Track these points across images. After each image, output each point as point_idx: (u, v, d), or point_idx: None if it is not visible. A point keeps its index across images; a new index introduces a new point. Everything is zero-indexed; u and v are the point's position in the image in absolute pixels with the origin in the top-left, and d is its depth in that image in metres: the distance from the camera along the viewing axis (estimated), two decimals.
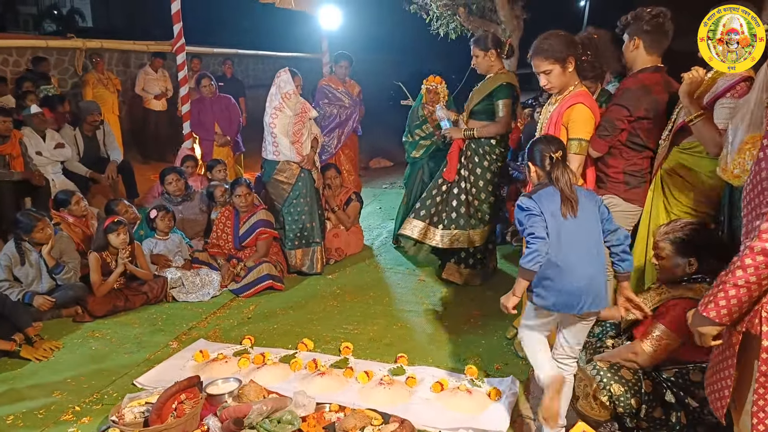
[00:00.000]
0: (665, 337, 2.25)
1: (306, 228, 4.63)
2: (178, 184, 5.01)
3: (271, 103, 4.47)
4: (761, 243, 1.44)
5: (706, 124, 2.38)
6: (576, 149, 2.85)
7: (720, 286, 1.53)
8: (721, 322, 1.56)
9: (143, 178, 7.25)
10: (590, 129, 2.84)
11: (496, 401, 2.81)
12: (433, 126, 5.04)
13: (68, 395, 2.94)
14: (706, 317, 1.56)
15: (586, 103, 2.82)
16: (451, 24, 8.31)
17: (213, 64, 10.83)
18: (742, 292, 1.49)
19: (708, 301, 1.56)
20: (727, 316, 1.54)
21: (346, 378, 3.04)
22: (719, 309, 1.53)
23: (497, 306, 3.99)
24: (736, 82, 2.33)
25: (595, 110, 2.88)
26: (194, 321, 3.85)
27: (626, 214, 2.86)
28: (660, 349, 2.25)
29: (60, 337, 3.58)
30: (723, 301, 1.52)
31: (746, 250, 1.47)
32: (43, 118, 5.55)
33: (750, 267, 1.46)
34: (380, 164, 9.73)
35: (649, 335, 2.28)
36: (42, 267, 3.89)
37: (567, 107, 2.83)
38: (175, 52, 6.00)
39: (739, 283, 1.49)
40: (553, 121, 2.91)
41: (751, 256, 1.46)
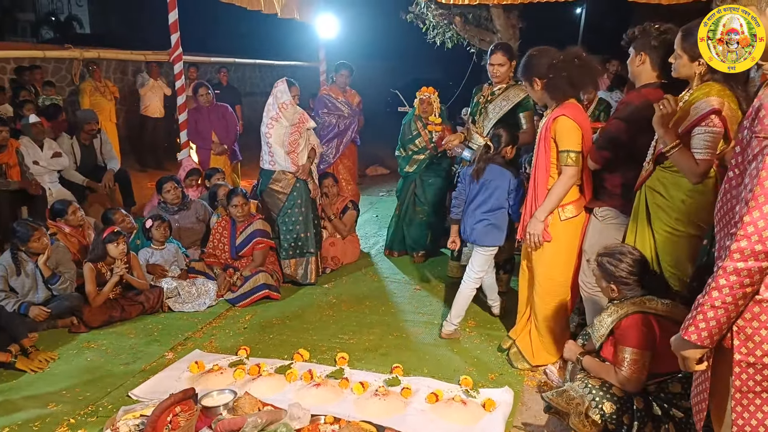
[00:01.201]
0: (637, 356, 2.30)
1: (300, 238, 4.64)
2: (175, 192, 5.02)
3: (268, 113, 4.49)
4: (732, 263, 1.45)
5: (683, 153, 2.40)
6: (565, 161, 2.90)
7: (698, 309, 1.53)
8: (703, 345, 1.55)
9: (140, 186, 7.27)
10: (576, 139, 2.89)
11: (490, 412, 2.82)
12: (426, 140, 5.05)
13: (63, 407, 2.94)
14: (688, 341, 1.56)
15: (568, 114, 2.88)
16: (447, 33, 8.33)
17: (209, 72, 10.87)
18: (720, 313, 1.50)
19: (688, 325, 1.55)
20: (708, 339, 1.54)
21: (341, 389, 3.05)
22: (699, 332, 1.53)
23: (492, 317, 4.06)
24: (707, 114, 2.34)
25: (580, 120, 2.91)
26: (190, 331, 3.86)
27: (621, 226, 2.87)
28: (638, 370, 2.30)
29: (55, 348, 3.57)
30: (702, 323, 1.52)
31: (719, 270, 1.48)
32: (41, 127, 5.56)
33: (725, 287, 1.47)
34: (377, 172, 9.75)
35: (624, 361, 2.31)
36: (38, 277, 3.89)
37: (552, 120, 2.92)
38: (172, 62, 6.02)
39: (716, 305, 1.49)
40: (542, 135, 2.98)
41: (724, 277, 1.47)
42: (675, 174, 2.49)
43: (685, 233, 2.50)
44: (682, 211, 2.49)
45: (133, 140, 9.05)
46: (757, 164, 1.44)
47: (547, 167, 3.01)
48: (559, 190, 2.95)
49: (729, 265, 1.46)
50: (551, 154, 2.98)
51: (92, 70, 7.85)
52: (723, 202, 1.62)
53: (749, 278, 1.46)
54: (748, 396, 1.55)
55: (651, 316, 2.33)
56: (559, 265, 3.12)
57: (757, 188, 1.42)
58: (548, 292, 3.18)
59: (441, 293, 4.49)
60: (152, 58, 8.59)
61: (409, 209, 5.22)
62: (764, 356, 1.51)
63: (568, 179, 2.93)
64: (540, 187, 3.04)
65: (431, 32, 8.54)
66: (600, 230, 2.95)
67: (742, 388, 1.54)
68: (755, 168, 1.45)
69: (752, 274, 1.45)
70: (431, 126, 5.04)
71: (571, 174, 2.91)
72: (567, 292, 3.19)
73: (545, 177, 3.01)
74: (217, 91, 7.96)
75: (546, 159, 3.00)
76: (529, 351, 3.27)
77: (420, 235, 5.24)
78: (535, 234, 3.03)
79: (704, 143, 2.35)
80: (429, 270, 5.04)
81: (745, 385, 1.54)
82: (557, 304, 3.19)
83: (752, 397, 1.54)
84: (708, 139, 2.35)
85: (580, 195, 3.06)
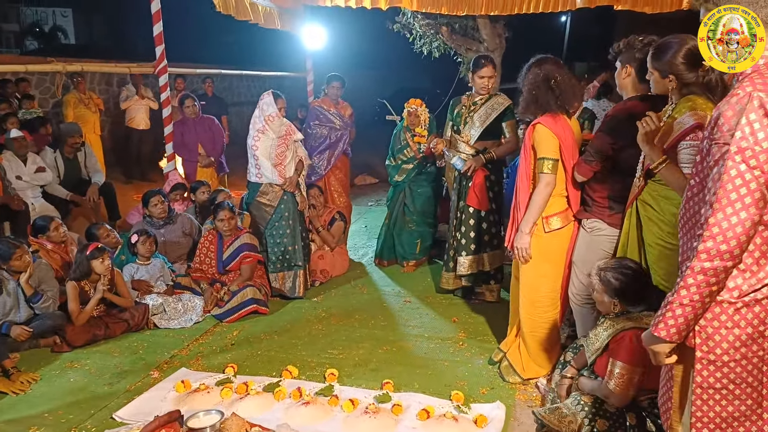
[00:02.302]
0: (626, 372, 2.31)
1: (288, 251, 4.59)
2: (162, 207, 4.96)
3: (255, 126, 4.46)
4: (699, 263, 1.55)
5: (670, 169, 2.40)
6: (541, 168, 2.95)
7: (667, 306, 1.63)
8: (671, 340, 1.65)
9: (126, 198, 7.18)
10: (552, 147, 2.93)
11: (482, 429, 2.78)
12: (415, 150, 5.13)
13: (45, 430, 2.86)
14: (657, 337, 1.66)
15: (544, 123, 2.95)
16: (434, 42, 8.37)
17: (195, 83, 10.82)
18: (688, 310, 1.59)
19: (657, 321, 1.65)
20: (677, 334, 1.63)
21: (331, 407, 2.99)
22: (668, 328, 1.63)
23: (483, 329, 4.03)
24: (690, 129, 2.35)
25: (558, 130, 2.94)
26: (176, 348, 3.79)
27: (610, 238, 2.86)
28: (625, 385, 2.30)
29: (38, 369, 3.49)
30: (671, 320, 1.62)
31: (687, 270, 1.58)
32: (24, 142, 5.49)
33: (692, 286, 1.57)
34: (366, 181, 9.73)
35: (612, 374, 2.34)
36: (20, 296, 3.79)
37: (531, 127, 3.00)
38: (157, 74, 5.96)
39: (684, 302, 1.59)
40: (524, 144, 3.07)
41: (692, 276, 1.57)
42: (666, 187, 2.49)
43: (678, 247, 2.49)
44: (673, 225, 2.48)
45: (118, 152, 8.97)
46: (719, 169, 1.54)
47: (528, 175, 3.06)
48: (538, 198, 2.97)
49: (696, 264, 1.56)
50: (530, 162, 3.04)
51: (77, 82, 7.77)
52: (686, 209, 1.73)
53: (715, 277, 1.55)
54: (708, 392, 1.65)
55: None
56: (544, 277, 3.11)
57: (720, 191, 1.52)
58: (533, 303, 3.16)
59: (431, 305, 4.45)
60: (137, 71, 8.49)
61: (398, 218, 5.26)
62: (723, 354, 1.62)
63: (545, 186, 2.95)
64: (521, 193, 3.08)
65: (418, 42, 8.57)
66: (588, 242, 2.94)
67: (702, 384, 1.65)
68: (717, 173, 1.54)
69: (717, 273, 1.55)
70: (418, 138, 5.10)
71: (548, 181, 2.94)
72: (554, 304, 3.17)
73: (527, 185, 3.06)
74: (203, 103, 7.91)
75: (527, 166, 3.06)
76: (519, 364, 3.25)
77: (410, 243, 5.26)
78: (523, 248, 3.02)
79: (691, 158, 2.35)
80: (419, 281, 5.01)
81: (705, 381, 1.65)
82: (544, 316, 3.17)
83: (712, 393, 1.65)
84: (694, 153, 2.35)
85: (567, 207, 3.06)
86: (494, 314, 4.08)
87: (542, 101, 2.96)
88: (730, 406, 1.64)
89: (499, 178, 4.34)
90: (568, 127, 3.01)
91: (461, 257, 4.30)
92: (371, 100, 10.34)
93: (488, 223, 4.26)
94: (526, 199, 3.04)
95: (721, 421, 1.65)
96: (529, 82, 2.99)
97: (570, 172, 2.97)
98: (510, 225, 3.18)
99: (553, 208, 3.01)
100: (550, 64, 3.01)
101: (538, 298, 3.15)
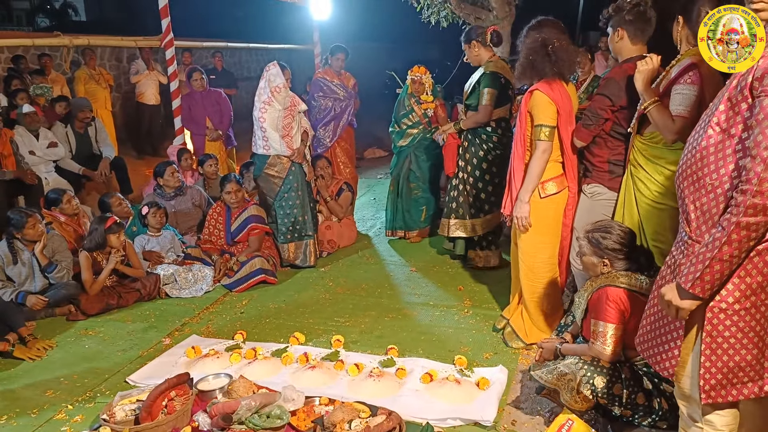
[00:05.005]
0: (603, 328, 2.35)
1: (298, 221, 4.64)
2: (176, 177, 5.02)
3: (260, 98, 4.46)
4: (745, 218, 1.51)
5: (659, 110, 2.44)
6: (538, 135, 2.93)
7: (705, 263, 1.58)
8: (704, 297, 1.62)
9: (138, 174, 7.26)
10: (550, 114, 2.91)
11: (484, 391, 2.83)
12: (420, 115, 5.11)
13: (61, 394, 2.97)
14: (692, 293, 1.62)
15: (542, 89, 2.92)
16: (442, 12, 8.25)
17: (204, 57, 10.79)
18: (726, 266, 1.57)
19: (694, 278, 1.60)
20: (710, 291, 1.61)
21: (336, 371, 3.07)
22: (704, 284, 1.60)
23: (488, 297, 4.06)
24: (685, 69, 2.38)
25: (556, 97, 2.92)
26: (187, 317, 3.88)
27: (610, 202, 2.88)
28: (606, 342, 2.34)
29: (53, 336, 3.60)
30: (708, 276, 1.59)
31: (731, 226, 1.52)
32: (36, 117, 5.55)
33: (735, 242, 1.53)
34: (375, 154, 9.72)
35: (595, 333, 2.38)
36: (35, 266, 3.90)
37: (529, 94, 2.97)
38: (164, 48, 5.97)
39: (724, 258, 1.56)
40: (521, 110, 3.04)
41: (736, 231, 1.52)
42: (654, 146, 2.50)
43: (666, 206, 2.52)
44: (661, 183, 2.50)
45: (129, 128, 9.02)
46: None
47: (523, 141, 3.05)
48: (535, 165, 2.97)
49: (742, 220, 1.51)
50: (527, 128, 3.03)
51: (87, 58, 7.80)
52: (697, 159, 1.67)
53: (756, 232, 1.53)
54: (717, 340, 1.65)
55: (624, 291, 2.35)
56: (541, 243, 3.13)
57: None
58: (532, 269, 3.19)
59: (437, 274, 4.50)
60: (144, 44, 8.49)
61: (403, 185, 5.23)
62: (735, 303, 1.62)
63: (541, 153, 2.95)
64: (517, 160, 3.08)
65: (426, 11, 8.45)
66: (589, 208, 2.96)
67: (712, 333, 1.65)
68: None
69: (759, 228, 1.52)
70: (424, 104, 5.08)
71: (544, 148, 2.93)
72: (553, 269, 3.19)
73: (522, 151, 3.06)
74: (213, 77, 7.91)
75: (522, 132, 3.05)
76: (522, 330, 3.29)
77: (416, 210, 5.26)
78: (523, 217, 3.04)
79: (679, 100, 2.39)
80: (425, 251, 5.05)
81: (715, 329, 1.65)
82: (543, 282, 3.20)
83: (720, 342, 1.65)
84: (684, 96, 2.38)
85: (562, 172, 3.06)
86: (500, 282, 4.11)
87: (539, 67, 2.92)
88: (737, 355, 1.64)
89: (478, 149, 4.22)
90: (566, 93, 2.98)
91: (448, 219, 4.43)
92: (380, 72, 10.25)
93: (469, 189, 4.31)
94: (521, 165, 3.05)
95: (728, 371, 1.65)
96: (527, 47, 2.96)
97: (567, 138, 2.97)
98: (506, 192, 3.19)
99: (549, 173, 3.02)
100: (549, 27, 2.95)
101: (537, 264, 3.17)
